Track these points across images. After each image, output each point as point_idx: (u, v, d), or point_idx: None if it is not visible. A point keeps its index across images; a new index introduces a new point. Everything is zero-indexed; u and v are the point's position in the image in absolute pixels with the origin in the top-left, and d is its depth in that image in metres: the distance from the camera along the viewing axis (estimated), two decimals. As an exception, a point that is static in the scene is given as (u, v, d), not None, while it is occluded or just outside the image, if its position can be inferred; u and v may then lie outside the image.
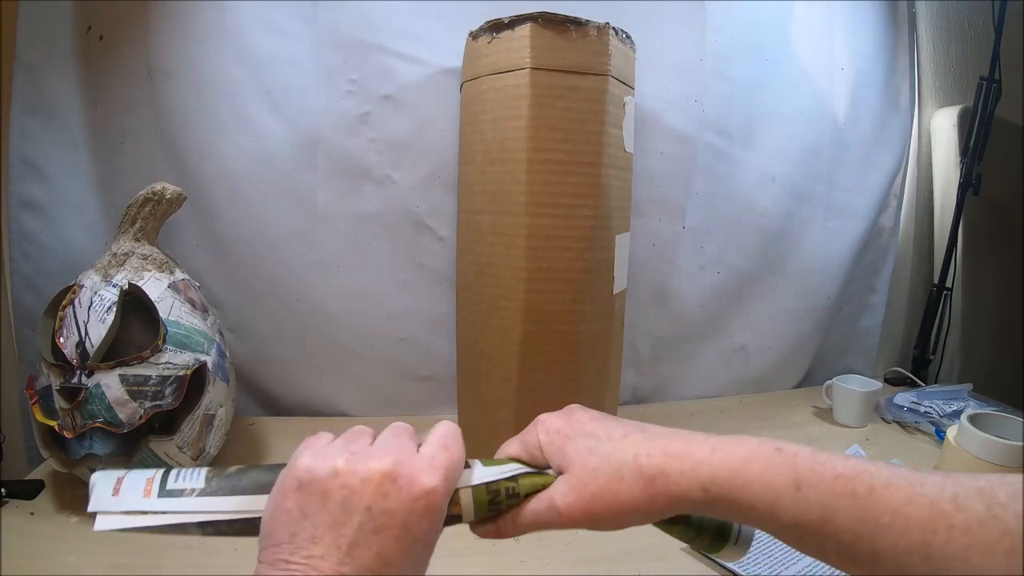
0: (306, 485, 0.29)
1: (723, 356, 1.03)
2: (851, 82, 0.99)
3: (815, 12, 0.95)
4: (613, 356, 0.74)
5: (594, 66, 0.64)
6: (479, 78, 0.67)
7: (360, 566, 0.27)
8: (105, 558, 0.56)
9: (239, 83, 0.80)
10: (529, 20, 0.62)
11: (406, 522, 0.29)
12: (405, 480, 0.29)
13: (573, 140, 0.64)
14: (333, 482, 0.29)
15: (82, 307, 0.63)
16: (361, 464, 0.29)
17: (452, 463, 0.32)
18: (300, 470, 0.30)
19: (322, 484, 0.29)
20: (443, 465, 0.31)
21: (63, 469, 0.61)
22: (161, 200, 0.71)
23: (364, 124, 0.83)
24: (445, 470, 0.31)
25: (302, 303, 0.88)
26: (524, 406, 0.67)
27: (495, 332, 0.68)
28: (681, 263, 0.96)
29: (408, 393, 0.93)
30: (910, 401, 0.90)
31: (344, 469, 0.29)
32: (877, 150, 1.03)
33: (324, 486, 0.29)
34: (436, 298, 0.89)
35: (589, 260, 0.66)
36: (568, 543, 0.60)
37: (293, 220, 0.85)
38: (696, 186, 0.93)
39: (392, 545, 0.28)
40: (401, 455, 0.30)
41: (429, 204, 0.86)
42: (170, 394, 0.63)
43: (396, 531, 0.28)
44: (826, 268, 1.03)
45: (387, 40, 0.81)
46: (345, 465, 0.29)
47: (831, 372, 0.97)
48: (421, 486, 0.29)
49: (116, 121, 0.81)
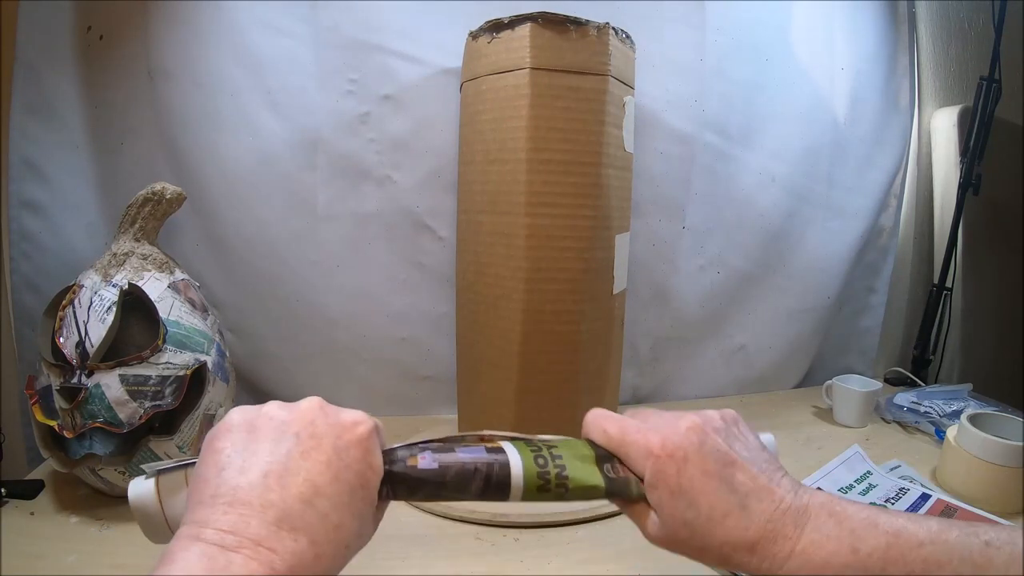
0: (236, 424, 0.30)
1: (723, 356, 1.03)
2: (851, 82, 0.99)
3: (815, 12, 0.95)
4: (613, 356, 0.74)
5: (594, 66, 0.64)
6: (479, 78, 0.67)
7: (289, 494, 0.27)
8: (105, 558, 0.56)
9: (239, 83, 0.80)
10: (529, 20, 0.62)
11: (335, 446, 0.29)
12: (332, 412, 0.31)
13: (573, 140, 0.64)
14: (262, 418, 0.30)
15: (82, 307, 0.63)
16: (290, 405, 0.31)
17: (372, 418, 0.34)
18: (232, 414, 0.31)
19: (251, 422, 0.30)
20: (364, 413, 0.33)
21: (63, 469, 0.61)
22: (161, 200, 0.71)
23: (364, 124, 0.83)
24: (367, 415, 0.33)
25: (302, 303, 0.88)
26: (524, 406, 0.67)
27: (495, 332, 0.68)
28: (681, 263, 0.96)
29: (408, 393, 0.93)
30: (910, 401, 0.90)
31: (273, 408, 0.31)
32: (877, 150, 1.03)
33: (253, 423, 0.30)
34: (436, 298, 0.89)
35: (589, 260, 0.66)
36: (569, 543, 0.60)
37: (293, 220, 0.85)
38: (696, 186, 0.93)
39: (322, 469, 0.28)
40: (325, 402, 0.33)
41: (429, 204, 0.86)
42: (170, 394, 0.63)
43: (325, 454, 0.29)
44: (826, 268, 1.03)
45: (387, 40, 0.81)
46: (275, 405, 0.31)
47: (831, 372, 0.97)
48: (349, 416, 0.31)
49: (116, 121, 0.81)
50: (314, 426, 0.30)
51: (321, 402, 0.32)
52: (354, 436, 0.30)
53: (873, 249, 1.08)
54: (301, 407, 0.31)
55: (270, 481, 0.27)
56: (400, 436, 0.83)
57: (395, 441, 0.36)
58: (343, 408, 0.32)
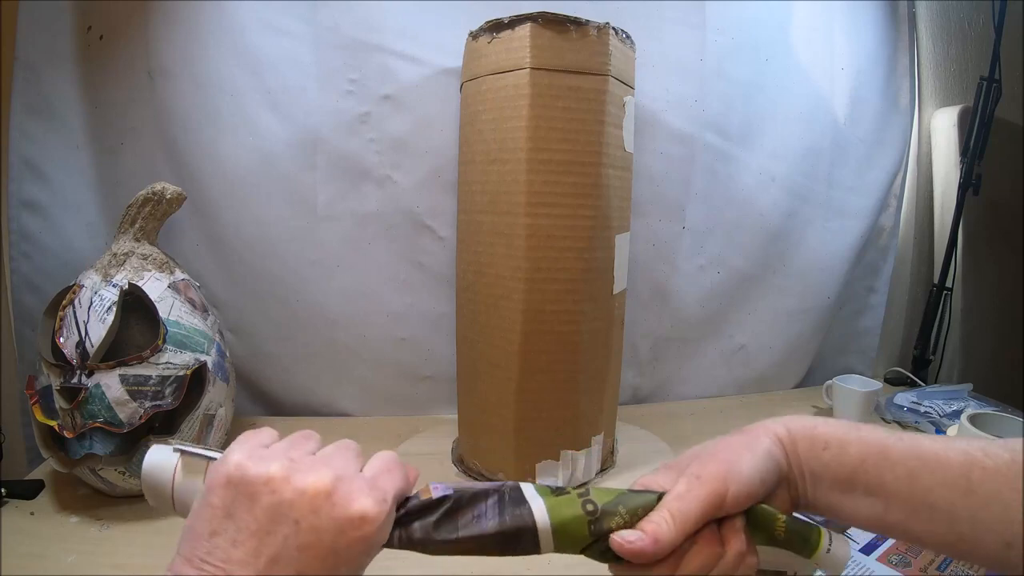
0: (236, 483, 0.27)
1: (723, 356, 1.03)
2: (851, 82, 0.99)
3: (815, 12, 0.95)
4: (613, 356, 0.74)
5: (594, 66, 0.64)
6: (479, 78, 0.67)
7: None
8: (105, 558, 0.56)
9: (239, 83, 0.80)
10: (529, 20, 0.62)
11: (335, 544, 0.27)
12: (341, 499, 0.27)
13: (573, 140, 0.64)
14: (264, 487, 0.27)
15: (82, 307, 0.63)
16: (297, 474, 0.28)
17: (396, 489, 0.30)
18: (231, 465, 0.28)
19: (252, 486, 0.27)
20: (384, 488, 0.29)
21: (63, 469, 0.61)
22: (161, 200, 0.71)
23: (364, 124, 0.83)
24: (385, 493, 0.29)
25: (302, 303, 0.88)
26: (524, 406, 0.67)
27: (495, 332, 0.68)
28: (681, 263, 0.96)
29: (408, 393, 0.93)
30: (910, 401, 0.90)
31: (278, 476, 0.27)
32: (877, 150, 1.03)
33: (253, 489, 0.27)
34: (436, 298, 0.89)
35: (589, 260, 0.66)
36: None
37: (293, 220, 0.85)
38: (696, 186, 0.93)
39: (316, 565, 0.26)
40: (342, 471, 0.28)
41: (429, 204, 0.86)
42: (170, 394, 0.63)
43: (323, 551, 0.26)
44: (826, 268, 1.03)
45: (387, 40, 0.81)
46: (280, 471, 0.27)
47: (831, 372, 0.97)
48: (358, 509, 0.27)
49: (116, 121, 0.81)
50: (318, 517, 0.27)
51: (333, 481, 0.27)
52: (359, 534, 0.27)
53: (873, 249, 1.08)
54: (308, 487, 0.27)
55: (261, 563, 0.26)
56: (399, 436, 0.84)
57: (394, 444, 0.36)
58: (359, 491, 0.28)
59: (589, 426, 0.71)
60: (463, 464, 0.75)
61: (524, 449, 0.69)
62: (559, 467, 0.69)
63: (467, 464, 0.75)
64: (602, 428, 0.73)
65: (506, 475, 0.70)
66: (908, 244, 1.13)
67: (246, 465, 0.28)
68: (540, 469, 0.69)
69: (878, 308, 1.11)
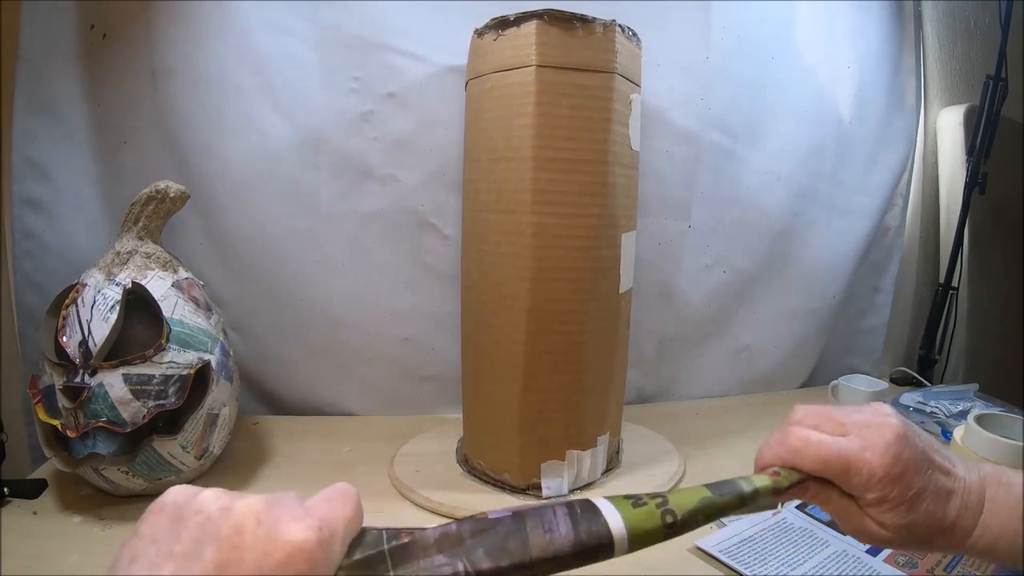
0: (165, 508, 0.27)
1: (728, 356, 1.02)
2: (856, 81, 0.98)
3: (821, 11, 0.95)
4: (619, 356, 0.74)
5: (600, 63, 0.63)
6: (484, 76, 0.66)
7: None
8: (108, 558, 0.55)
9: (242, 82, 0.80)
10: (535, 17, 0.61)
11: (258, 566, 0.25)
12: (269, 520, 0.26)
13: (579, 138, 0.63)
14: (190, 507, 0.26)
15: (85, 306, 0.63)
16: (228, 496, 0.27)
17: (332, 517, 0.28)
18: (168, 495, 0.27)
19: (179, 509, 0.26)
20: (321, 516, 0.27)
21: (66, 468, 0.61)
22: (164, 199, 0.71)
23: (368, 123, 0.82)
24: (320, 521, 0.27)
25: (305, 302, 0.87)
26: (529, 406, 0.67)
27: (500, 331, 0.68)
28: (686, 262, 0.95)
29: (412, 393, 0.92)
30: (916, 401, 0.90)
31: (208, 496, 0.27)
32: (882, 149, 1.03)
33: (181, 511, 0.26)
34: (441, 297, 0.88)
35: (595, 259, 0.66)
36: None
37: (297, 219, 0.84)
38: (701, 185, 0.93)
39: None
40: (279, 499, 0.27)
41: (433, 203, 0.85)
42: (173, 393, 0.62)
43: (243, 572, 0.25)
44: (831, 268, 1.03)
45: (390, 38, 0.80)
46: (210, 494, 0.27)
47: (836, 372, 0.96)
48: (286, 533, 0.26)
49: (119, 120, 0.81)
50: (241, 536, 0.25)
51: (266, 504, 0.26)
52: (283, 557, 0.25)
53: (878, 248, 1.08)
54: (237, 507, 0.26)
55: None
56: (403, 435, 0.83)
57: (399, 444, 0.35)
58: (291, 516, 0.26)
59: (594, 426, 0.71)
60: (467, 464, 0.75)
61: (529, 449, 0.68)
62: (564, 467, 0.69)
63: (472, 464, 0.74)
64: (607, 428, 0.73)
65: (511, 475, 0.69)
66: (914, 243, 1.13)
67: (183, 489, 0.28)
68: (545, 469, 0.69)
69: (883, 308, 1.11)
